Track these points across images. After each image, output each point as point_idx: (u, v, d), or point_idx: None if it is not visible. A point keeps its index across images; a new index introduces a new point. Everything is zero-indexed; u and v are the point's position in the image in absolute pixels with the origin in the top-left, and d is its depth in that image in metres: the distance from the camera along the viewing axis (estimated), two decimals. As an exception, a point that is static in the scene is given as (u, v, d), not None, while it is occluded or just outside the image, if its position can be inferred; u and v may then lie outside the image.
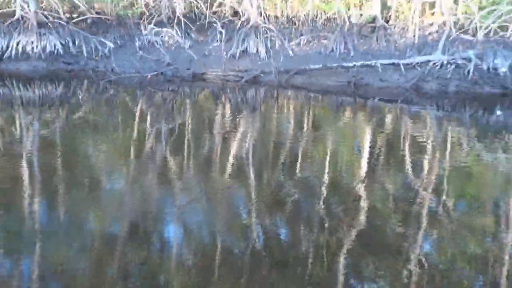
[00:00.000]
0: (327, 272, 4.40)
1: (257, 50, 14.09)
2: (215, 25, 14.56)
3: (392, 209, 5.79)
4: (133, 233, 5.14)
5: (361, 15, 15.27)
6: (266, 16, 14.91)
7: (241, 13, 15.14)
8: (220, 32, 14.21)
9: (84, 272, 4.33)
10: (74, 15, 15.68)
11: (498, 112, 11.41)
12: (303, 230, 5.15)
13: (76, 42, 14.67)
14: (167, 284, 4.21)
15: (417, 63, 13.06)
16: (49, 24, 14.55)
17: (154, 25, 14.84)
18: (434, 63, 12.83)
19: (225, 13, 15.55)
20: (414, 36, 14.38)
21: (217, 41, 14.50)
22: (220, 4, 15.95)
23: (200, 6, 15.87)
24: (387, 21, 15.38)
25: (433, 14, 15.33)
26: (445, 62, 12.77)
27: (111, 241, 4.95)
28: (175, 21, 14.82)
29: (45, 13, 14.78)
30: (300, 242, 4.91)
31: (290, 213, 5.62)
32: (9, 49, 14.46)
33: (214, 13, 15.66)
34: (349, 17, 15.18)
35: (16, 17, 14.72)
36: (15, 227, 5.13)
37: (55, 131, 9.34)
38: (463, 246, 4.91)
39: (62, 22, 14.75)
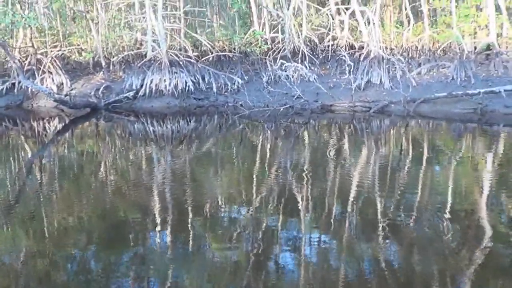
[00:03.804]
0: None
1: (380, 80, 14.73)
2: (343, 58, 15.28)
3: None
4: (257, 263, 5.22)
5: (474, 43, 15.81)
6: (383, 47, 15.56)
7: (356, 46, 15.92)
8: (349, 65, 14.93)
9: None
10: (195, 54, 16.57)
11: None
12: (425, 253, 5.27)
13: (206, 79, 15.57)
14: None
15: (542, 89, 13.50)
16: (180, 62, 15.48)
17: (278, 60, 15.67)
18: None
19: (341, 46, 16.26)
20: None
21: (341, 73, 15.23)
22: (333, 38, 16.69)
23: (314, 41, 16.71)
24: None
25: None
26: None
27: (235, 270, 5.07)
28: (300, 55, 15.61)
29: (175, 52, 15.70)
30: (425, 265, 5.02)
31: (412, 237, 5.76)
32: (143, 87, 15.41)
33: (329, 46, 16.41)
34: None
35: (148, 57, 15.73)
36: (145, 254, 5.45)
37: (184, 165, 9.88)
38: None
39: (192, 60, 15.67)
